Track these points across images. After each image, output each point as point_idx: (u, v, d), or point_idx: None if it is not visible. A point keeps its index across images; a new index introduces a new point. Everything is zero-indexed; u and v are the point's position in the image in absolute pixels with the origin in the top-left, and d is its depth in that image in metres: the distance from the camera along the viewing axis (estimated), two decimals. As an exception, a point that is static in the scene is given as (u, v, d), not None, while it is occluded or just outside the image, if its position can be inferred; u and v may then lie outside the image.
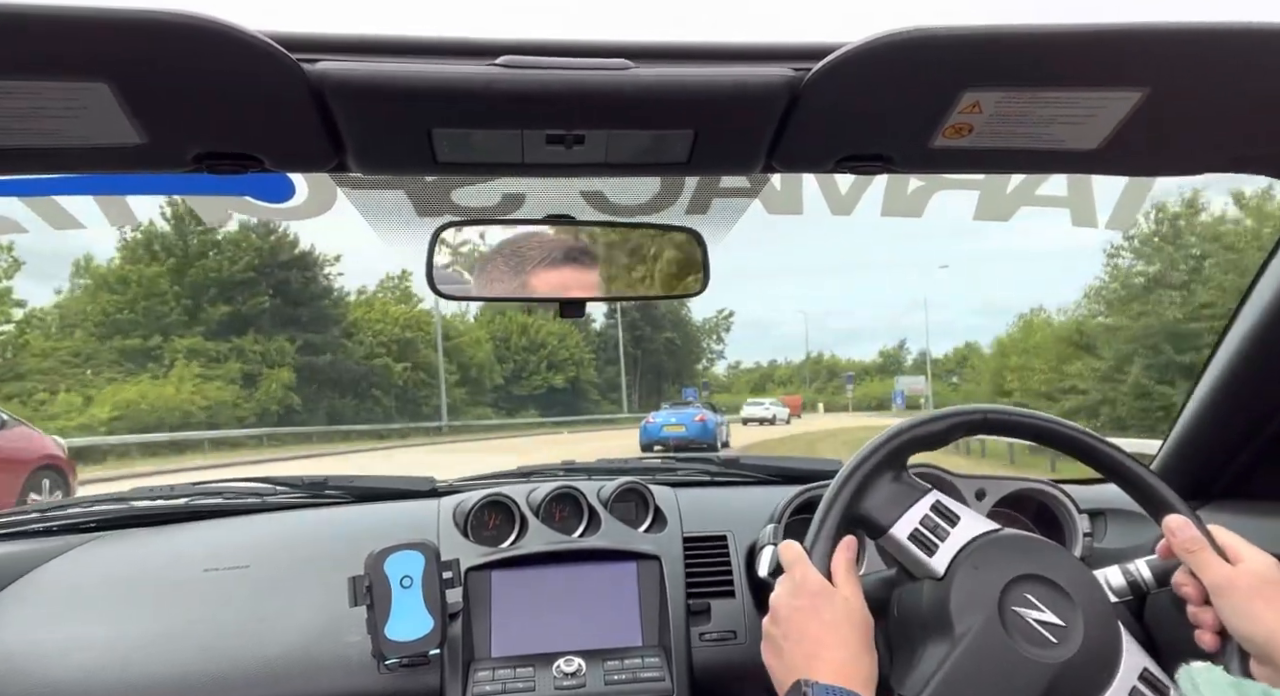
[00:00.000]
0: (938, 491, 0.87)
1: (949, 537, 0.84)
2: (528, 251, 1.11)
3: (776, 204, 1.63)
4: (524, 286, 1.12)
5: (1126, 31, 0.63)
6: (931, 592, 0.83)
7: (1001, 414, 0.91)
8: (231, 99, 0.65)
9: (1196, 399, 1.24)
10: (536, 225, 1.13)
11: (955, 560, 0.83)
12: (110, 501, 1.42)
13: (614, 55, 0.66)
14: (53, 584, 1.22)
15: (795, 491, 1.26)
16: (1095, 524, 1.27)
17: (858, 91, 0.69)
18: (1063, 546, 0.92)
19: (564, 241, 1.13)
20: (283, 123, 0.69)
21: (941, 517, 0.86)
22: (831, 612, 0.78)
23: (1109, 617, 0.83)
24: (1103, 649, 0.81)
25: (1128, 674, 0.81)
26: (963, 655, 0.77)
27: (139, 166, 0.75)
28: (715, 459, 1.65)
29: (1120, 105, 0.70)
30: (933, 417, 0.90)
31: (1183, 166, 0.86)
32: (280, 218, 1.63)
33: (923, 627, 0.82)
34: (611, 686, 1.16)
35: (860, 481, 0.85)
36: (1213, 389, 1.21)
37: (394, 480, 1.49)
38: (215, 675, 1.12)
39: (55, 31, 0.56)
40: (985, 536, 0.85)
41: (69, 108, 0.63)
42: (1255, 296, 1.11)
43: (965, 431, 0.91)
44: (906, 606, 0.86)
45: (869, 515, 0.86)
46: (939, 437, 0.90)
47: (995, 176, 1.56)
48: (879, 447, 0.87)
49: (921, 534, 0.84)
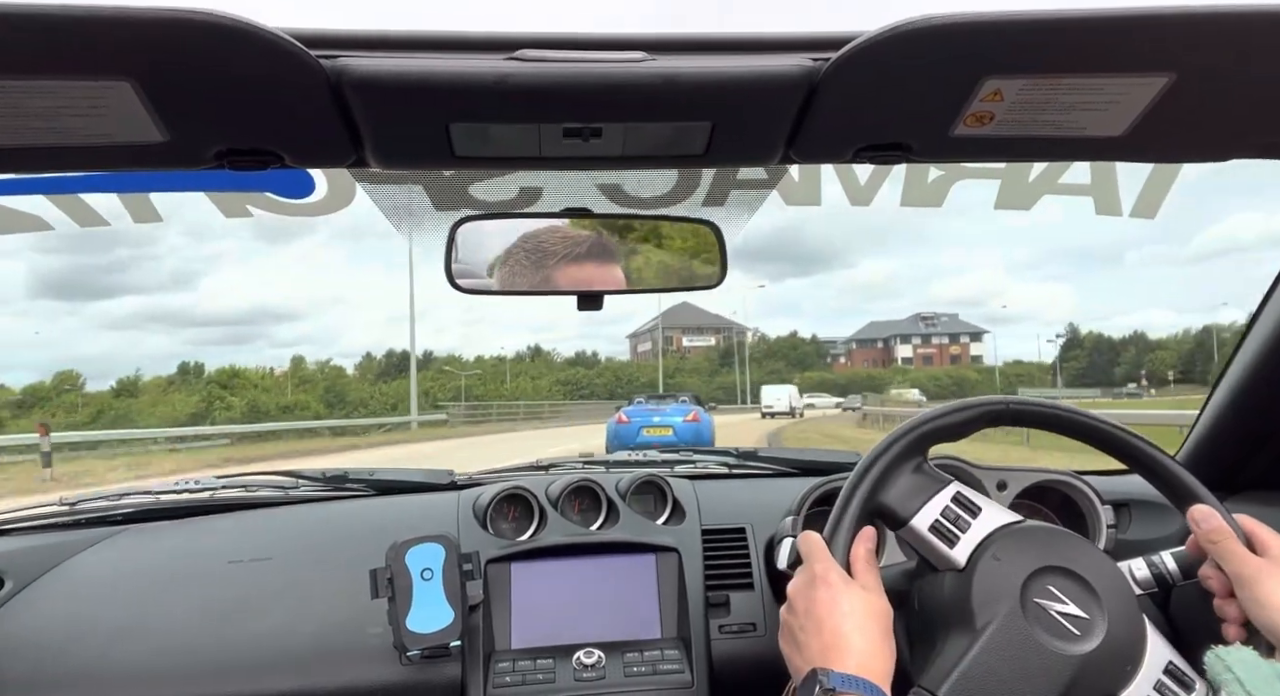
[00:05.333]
0: (958, 482, 0.87)
1: (970, 529, 0.84)
2: (550, 246, 1.11)
3: (794, 195, 1.62)
4: (545, 280, 1.11)
5: (1152, 15, 0.61)
6: (953, 584, 0.82)
7: (1023, 404, 0.90)
8: (252, 96, 0.65)
9: (1223, 390, 1.22)
10: (554, 218, 1.14)
11: (977, 551, 0.82)
12: (137, 494, 1.44)
13: (631, 48, 0.66)
14: (81, 576, 1.24)
15: (814, 483, 1.26)
16: (1119, 515, 1.26)
17: (877, 81, 0.68)
18: (1086, 538, 0.91)
19: (586, 235, 1.13)
20: (302, 118, 0.69)
21: (963, 509, 0.85)
22: (850, 603, 0.78)
23: (1133, 610, 0.82)
24: (1127, 641, 0.80)
25: (1152, 667, 0.80)
26: (984, 647, 0.77)
27: (161, 164, 0.76)
28: (734, 451, 1.65)
29: (1145, 91, 0.69)
30: (954, 408, 0.90)
31: (1210, 153, 0.85)
32: (300, 213, 1.65)
33: (944, 619, 0.82)
34: (631, 678, 1.16)
35: (880, 472, 0.85)
36: (1240, 380, 1.19)
37: (414, 473, 1.50)
38: (239, 666, 1.14)
39: (79, 32, 0.56)
40: (1007, 528, 0.84)
41: (93, 106, 0.64)
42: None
43: (987, 422, 0.90)
44: (927, 598, 0.86)
45: (889, 506, 0.85)
46: (960, 429, 0.89)
47: (1017, 165, 1.55)
48: (899, 438, 0.87)
49: (942, 525, 0.84)
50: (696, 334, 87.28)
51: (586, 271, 1.11)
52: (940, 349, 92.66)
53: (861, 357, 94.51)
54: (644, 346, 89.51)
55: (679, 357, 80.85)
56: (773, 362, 78.99)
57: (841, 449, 1.71)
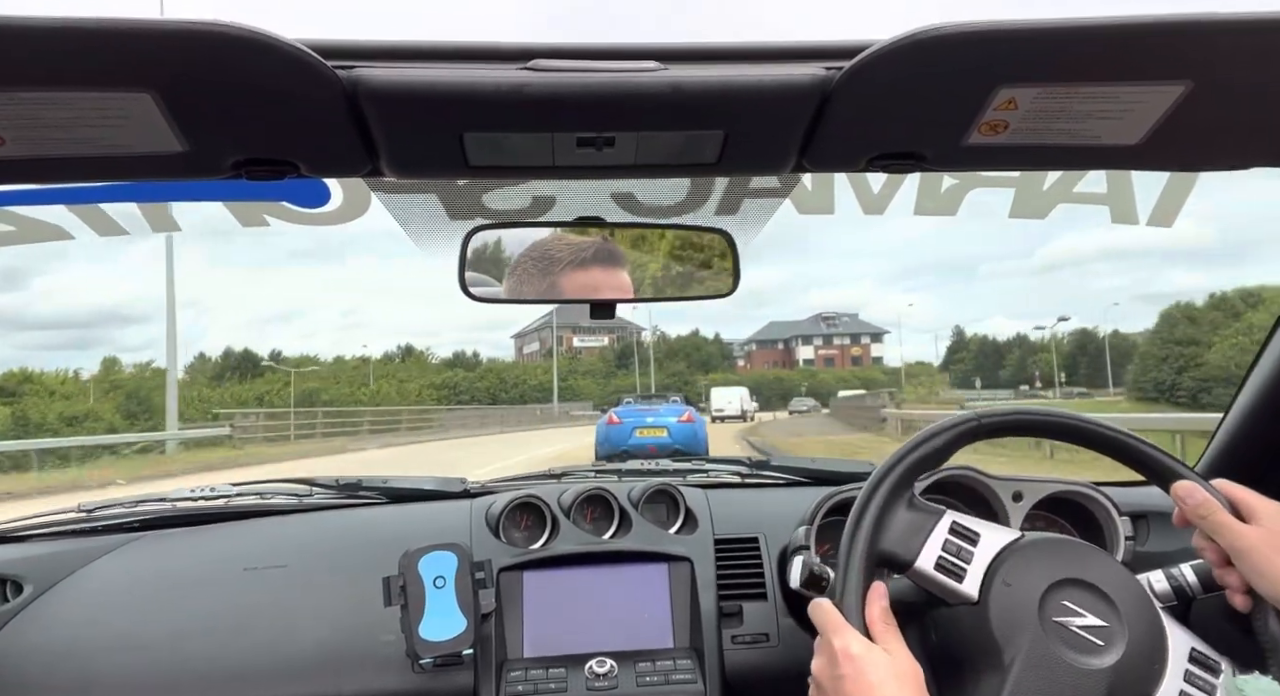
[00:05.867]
0: (951, 511, 0.85)
1: (974, 559, 0.82)
2: (556, 253, 1.12)
3: (807, 204, 1.62)
4: (554, 288, 1.12)
5: (1167, 24, 0.61)
6: (970, 619, 0.81)
7: (992, 416, 0.89)
8: (270, 106, 0.66)
9: (1242, 400, 1.21)
10: (567, 227, 1.14)
11: (986, 580, 0.81)
12: (153, 501, 1.45)
13: (643, 57, 0.66)
14: (98, 582, 1.25)
15: (827, 492, 1.25)
16: (1137, 527, 1.24)
17: (890, 90, 0.68)
18: (1092, 545, 0.90)
19: (594, 243, 1.13)
20: (319, 129, 0.70)
21: (962, 539, 0.83)
22: (878, 675, 0.74)
23: (1147, 605, 0.81)
24: (1150, 640, 0.79)
25: (1178, 659, 0.79)
26: (1016, 683, 0.75)
27: (180, 174, 0.77)
28: (746, 460, 1.64)
29: (1161, 99, 0.68)
30: (928, 435, 0.88)
31: (1227, 161, 0.84)
32: (316, 223, 1.66)
33: (969, 657, 0.80)
34: (643, 688, 1.16)
35: (875, 518, 0.83)
36: (1260, 391, 1.17)
37: (427, 481, 1.51)
38: (254, 671, 1.14)
39: (101, 44, 0.57)
40: (1010, 547, 0.83)
41: (113, 117, 0.65)
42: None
43: (964, 441, 0.88)
44: (946, 633, 0.84)
45: (891, 552, 0.83)
46: (939, 455, 0.87)
47: (1031, 174, 1.54)
48: (884, 477, 0.85)
49: (946, 560, 0.82)
50: (589, 334, 77.79)
51: (593, 277, 1.11)
52: (842, 350, 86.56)
53: (762, 359, 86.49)
54: (530, 347, 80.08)
55: (570, 359, 71.28)
56: (674, 363, 69.63)
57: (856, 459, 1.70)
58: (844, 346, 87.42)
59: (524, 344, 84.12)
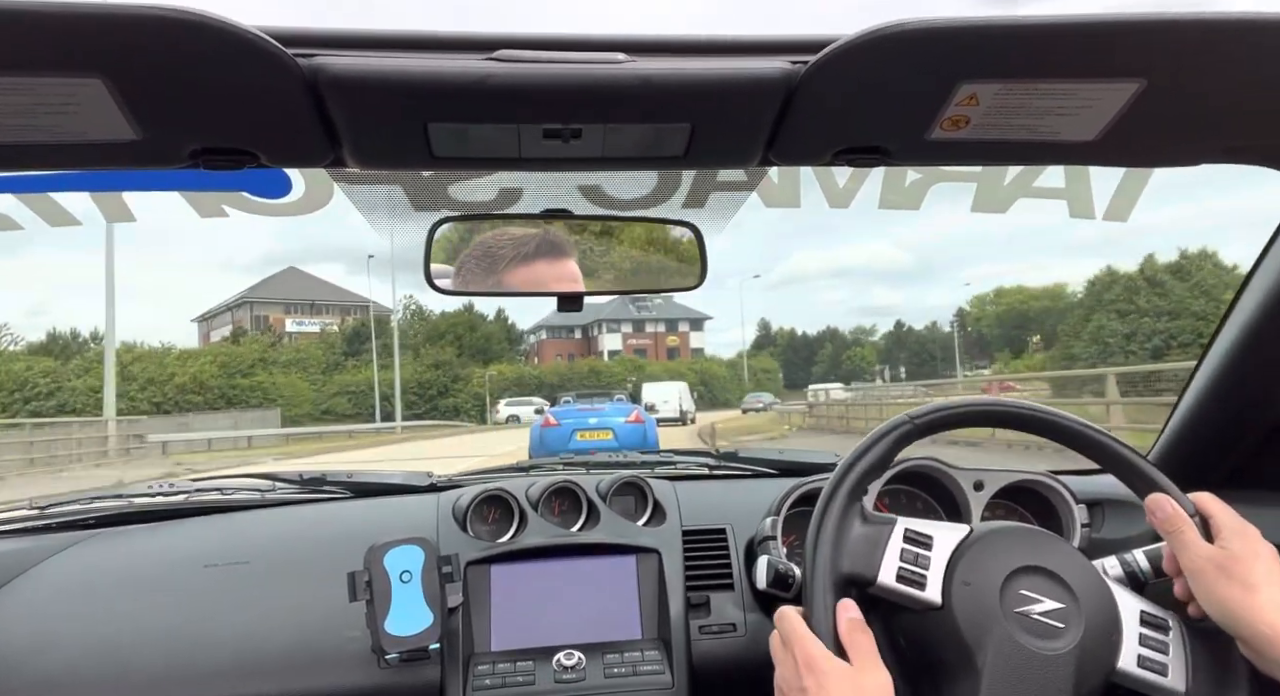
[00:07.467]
0: (902, 518, 0.86)
1: (931, 563, 0.83)
2: (499, 250, 1.11)
3: (774, 197, 1.62)
4: (499, 284, 1.11)
5: (1123, 22, 0.63)
6: (936, 624, 0.81)
7: (924, 415, 0.90)
8: (227, 94, 0.65)
9: (1194, 389, 1.24)
10: (534, 220, 1.13)
11: (946, 584, 0.82)
12: (109, 498, 1.42)
13: (611, 49, 0.66)
14: (53, 580, 1.22)
15: (794, 483, 1.27)
16: (1093, 514, 1.27)
17: (855, 84, 0.69)
18: (1052, 532, 0.92)
19: (536, 236, 1.12)
20: (278, 118, 0.69)
21: (917, 545, 0.84)
22: (840, 688, 0.73)
23: (1095, 579, 0.83)
24: (1105, 613, 0.81)
25: (1131, 624, 0.82)
26: (990, 684, 0.77)
27: (135, 162, 0.75)
28: (714, 452, 1.65)
29: (1117, 96, 0.70)
30: (868, 445, 0.88)
31: (1179, 157, 0.86)
32: (277, 214, 1.63)
33: (941, 662, 0.81)
34: (611, 679, 1.16)
35: (833, 535, 0.83)
36: (1211, 379, 1.21)
37: (392, 475, 1.49)
38: (216, 670, 1.12)
39: (49, 27, 0.56)
40: (963, 544, 0.84)
41: (64, 104, 0.63)
42: (1253, 286, 1.11)
43: (904, 443, 0.89)
44: (915, 639, 0.85)
45: (853, 571, 0.83)
46: (881, 463, 0.88)
47: (993, 168, 1.56)
48: (833, 493, 0.85)
49: (906, 570, 0.83)
50: (308, 313, 58.60)
51: (538, 271, 1.10)
52: (656, 338, 68.70)
53: (554, 349, 65.72)
54: (221, 331, 58.48)
55: (269, 344, 49.15)
56: (440, 351, 49.04)
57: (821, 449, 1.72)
58: (658, 333, 69.75)
59: (210, 329, 61.45)
